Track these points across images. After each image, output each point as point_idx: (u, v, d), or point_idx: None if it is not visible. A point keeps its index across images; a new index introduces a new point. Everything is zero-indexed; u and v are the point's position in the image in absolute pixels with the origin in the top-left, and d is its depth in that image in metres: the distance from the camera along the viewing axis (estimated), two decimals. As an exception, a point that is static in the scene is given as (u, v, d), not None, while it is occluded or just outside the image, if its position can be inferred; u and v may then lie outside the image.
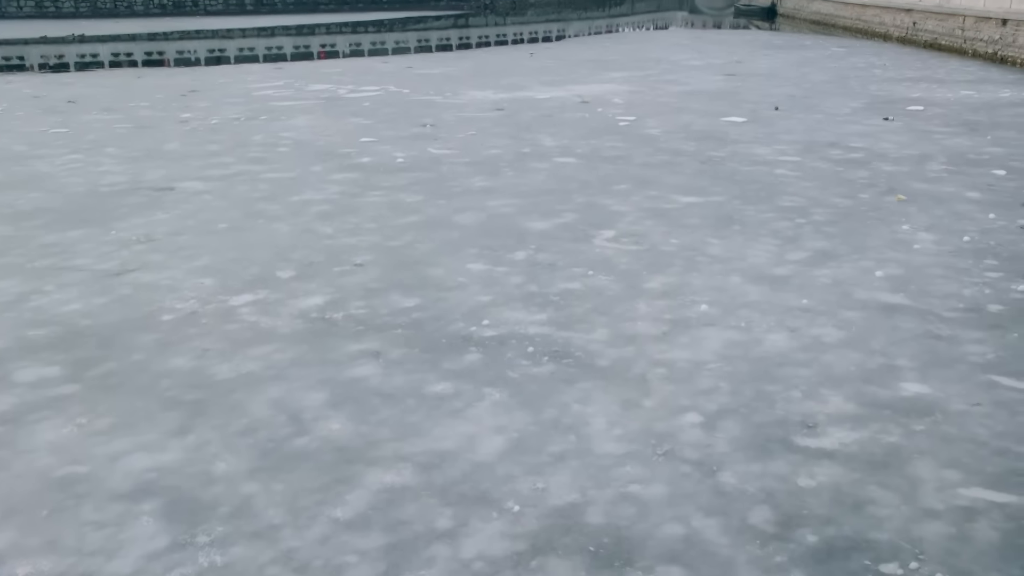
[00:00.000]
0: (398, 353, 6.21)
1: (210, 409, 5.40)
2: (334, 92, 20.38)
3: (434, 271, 7.91)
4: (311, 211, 9.96)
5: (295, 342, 6.40)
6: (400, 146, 13.76)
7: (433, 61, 29.90)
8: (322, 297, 7.27)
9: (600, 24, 51.54)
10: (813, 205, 10.06)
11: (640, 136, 14.44)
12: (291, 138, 14.49)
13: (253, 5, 53.27)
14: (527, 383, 5.72)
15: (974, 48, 26.47)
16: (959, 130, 14.65)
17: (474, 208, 10.04)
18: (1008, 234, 8.86)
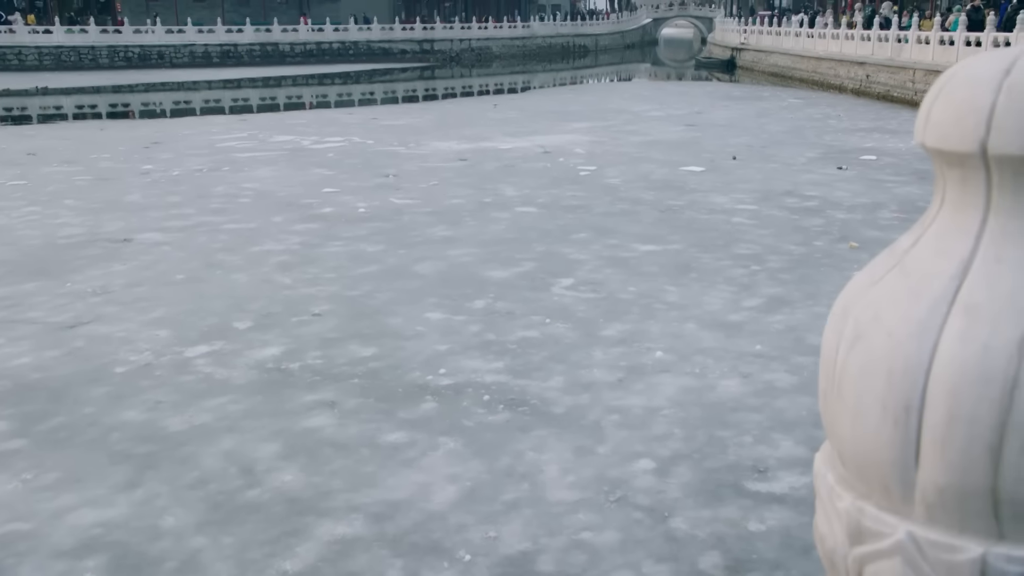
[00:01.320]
0: (353, 403, 6.19)
1: (160, 462, 5.34)
2: (298, 143, 20.47)
3: (392, 320, 7.92)
4: (271, 262, 9.95)
5: (250, 393, 6.36)
6: (362, 196, 13.83)
7: (398, 112, 30.18)
8: (279, 347, 7.25)
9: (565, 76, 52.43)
10: (768, 252, 10.23)
11: (601, 185, 14.64)
12: (253, 189, 14.50)
13: (219, 57, 53.50)
14: (482, 432, 5.72)
15: (925, 100, 27.30)
16: (909, 179, 15.02)
17: (434, 257, 10.09)
18: (956, 280, 9.07)
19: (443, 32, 63.15)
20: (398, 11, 69.99)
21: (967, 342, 0.48)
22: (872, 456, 0.51)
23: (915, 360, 0.49)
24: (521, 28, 68.67)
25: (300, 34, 57.28)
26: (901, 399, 0.50)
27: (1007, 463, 0.46)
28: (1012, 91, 0.48)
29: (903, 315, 0.51)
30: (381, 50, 59.56)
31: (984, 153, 0.49)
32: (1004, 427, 0.47)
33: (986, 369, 0.47)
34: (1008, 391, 0.46)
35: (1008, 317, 0.47)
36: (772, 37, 47.45)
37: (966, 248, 0.50)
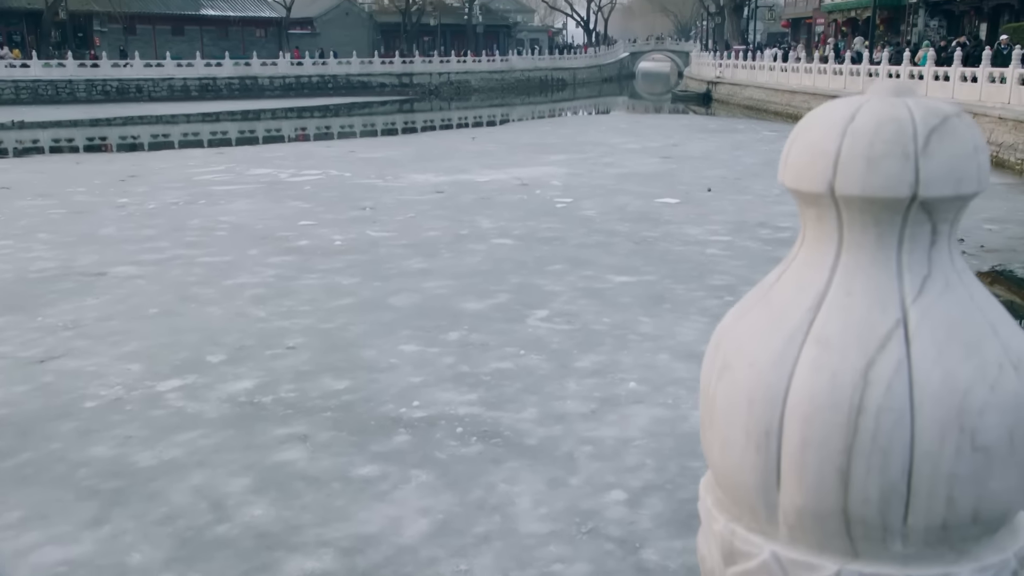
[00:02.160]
0: (326, 436, 6.16)
1: (129, 498, 5.28)
2: (275, 176, 20.48)
3: (366, 353, 7.91)
4: (245, 295, 9.92)
5: (221, 427, 6.32)
6: (339, 229, 13.84)
7: (377, 145, 30.29)
8: (252, 381, 7.21)
9: (543, 108, 52.88)
10: (742, 283, 10.31)
11: (576, 217, 14.73)
12: (229, 222, 14.48)
13: (198, 91, 53.57)
14: (455, 464, 5.71)
15: (896, 132, 27.76)
16: (881, 210, 15.24)
17: (410, 290, 10.10)
18: (925, 309, 9.18)
19: (422, 66, 63.64)
20: (377, 45, 70.53)
21: (818, 371, 0.51)
22: (740, 480, 0.53)
23: (773, 389, 0.52)
24: (500, 62, 69.34)
25: (279, 68, 57.50)
26: (762, 426, 0.52)
27: (855, 485, 0.49)
28: (856, 136, 0.52)
29: (764, 346, 0.53)
30: (360, 83, 59.87)
31: (832, 193, 0.53)
32: (851, 451, 0.49)
33: (834, 396, 0.50)
34: (854, 417, 0.49)
35: (855, 347, 0.50)
36: (747, 71, 48.15)
37: (821, 282, 0.53)
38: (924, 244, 0.52)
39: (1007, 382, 0.49)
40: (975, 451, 0.49)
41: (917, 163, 0.50)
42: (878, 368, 0.49)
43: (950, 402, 0.49)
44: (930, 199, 0.51)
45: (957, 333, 0.50)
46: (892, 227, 0.52)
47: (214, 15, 64.84)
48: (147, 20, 60.83)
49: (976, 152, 0.53)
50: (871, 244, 0.52)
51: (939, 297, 0.51)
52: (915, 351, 0.50)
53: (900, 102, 0.53)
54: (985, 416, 0.49)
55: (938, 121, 0.51)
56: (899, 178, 0.51)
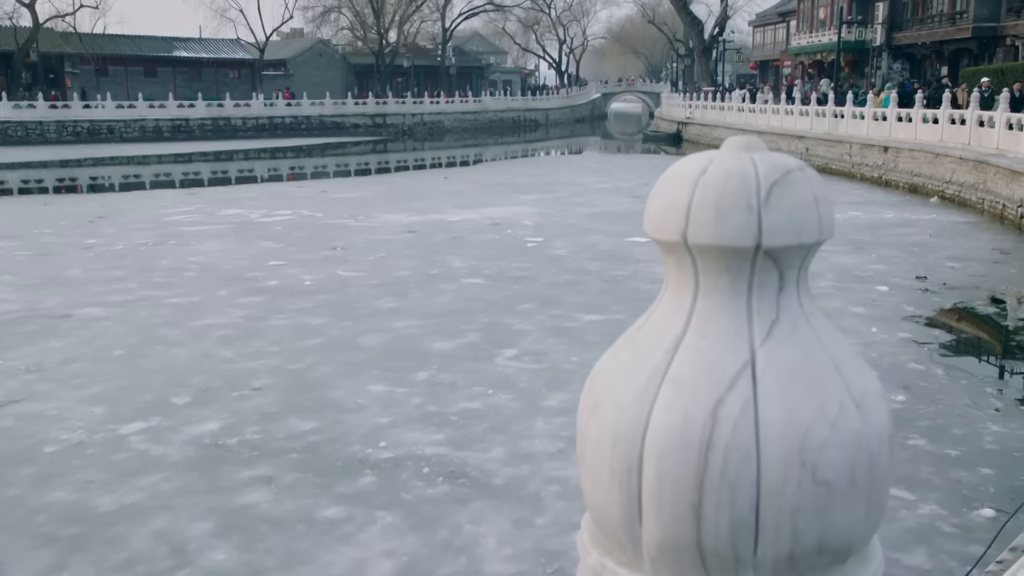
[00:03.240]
0: (291, 478, 6.11)
1: (88, 544, 5.19)
2: (246, 217, 20.43)
3: (334, 393, 7.87)
4: (213, 335, 9.85)
5: (185, 470, 6.24)
6: (309, 269, 13.81)
7: (349, 185, 30.35)
8: (217, 423, 7.15)
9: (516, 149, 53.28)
10: (709, 321, 10.39)
11: (547, 256, 14.81)
12: (198, 263, 14.41)
13: (170, 132, 53.50)
14: (420, 505, 5.67)
15: (861, 172, 28.19)
16: (847, 248, 15.45)
17: (379, 329, 10.08)
18: (889, 347, 9.30)
19: (395, 107, 63.99)
20: (351, 86, 70.90)
21: (672, 410, 0.54)
22: (607, 515, 0.56)
23: (634, 427, 0.55)
24: (473, 103, 69.89)
25: (252, 108, 57.59)
26: (624, 463, 0.55)
27: (707, 519, 0.51)
28: (706, 188, 0.55)
29: (627, 387, 0.56)
30: (334, 124, 60.06)
31: (686, 242, 0.56)
32: (702, 486, 0.52)
33: (686, 434, 0.53)
34: (703, 454, 0.52)
35: (706, 388, 0.53)
36: (716, 112, 48.88)
37: (679, 325, 0.56)
38: (772, 290, 0.56)
39: (848, 419, 0.53)
40: (816, 485, 0.52)
41: (760, 214, 0.54)
42: (726, 407, 0.52)
43: (792, 439, 0.52)
44: (773, 248, 0.55)
45: (801, 373, 0.53)
46: (742, 274, 0.55)
47: (187, 56, 64.98)
48: (119, 61, 60.82)
49: (816, 203, 0.56)
50: (723, 290, 0.56)
51: (786, 340, 0.55)
52: (761, 391, 0.53)
53: (747, 157, 0.56)
54: (826, 452, 0.52)
55: (779, 175, 0.55)
56: (744, 228, 0.54)
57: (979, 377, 8.53)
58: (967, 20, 44.40)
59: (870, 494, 0.55)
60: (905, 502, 5.70)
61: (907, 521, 5.46)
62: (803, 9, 62.25)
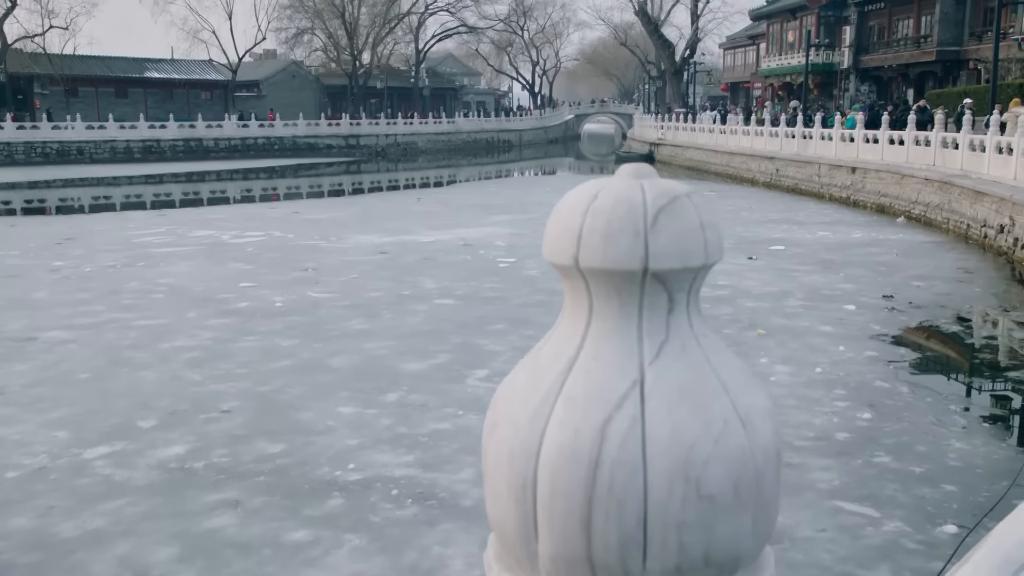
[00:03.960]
0: (258, 501, 6.06)
1: (48, 571, 5.11)
2: (217, 238, 20.32)
3: (303, 415, 7.82)
4: (181, 358, 9.77)
5: (150, 494, 6.17)
6: (280, 290, 13.74)
7: (322, 206, 30.27)
8: (183, 446, 7.08)
9: (489, 170, 53.45)
10: (680, 341, 10.45)
11: (519, 277, 14.84)
12: (168, 284, 14.29)
13: (141, 153, 53.15)
14: (389, 527, 5.64)
15: (830, 193, 28.56)
16: (815, 268, 15.62)
17: (349, 351, 10.04)
18: (856, 365, 9.40)
19: (369, 127, 64.03)
20: (324, 107, 70.88)
21: (564, 428, 0.56)
22: (507, 531, 0.57)
23: (529, 445, 0.57)
24: (446, 124, 70.11)
25: (225, 129, 57.39)
26: (520, 479, 0.57)
27: (596, 534, 0.53)
28: (596, 214, 0.58)
29: (523, 406, 0.58)
30: (307, 145, 59.98)
31: (578, 266, 0.58)
32: (591, 502, 0.54)
33: (576, 451, 0.55)
34: (592, 470, 0.54)
35: (596, 406, 0.55)
36: (687, 133, 49.38)
37: (574, 346, 0.59)
38: (662, 312, 0.58)
39: (732, 436, 0.55)
40: (701, 499, 0.54)
41: (647, 239, 0.57)
42: (614, 425, 0.55)
43: (677, 455, 0.54)
44: (660, 271, 0.57)
45: (687, 392, 0.55)
46: (632, 297, 0.58)
47: (159, 78, 64.65)
48: (89, 82, 60.38)
49: (703, 229, 0.59)
50: (615, 313, 0.58)
51: (674, 360, 0.57)
52: (648, 409, 0.55)
53: (637, 184, 0.59)
54: (710, 467, 0.54)
55: (666, 201, 0.57)
56: (631, 252, 0.57)
57: (944, 395, 8.64)
58: (931, 44, 45.31)
59: (756, 508, 0.57)
60: (870, 519, 5.76)
61: (872, 538, 5.51)
62: (772, 32, 63.26)
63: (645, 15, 69.91)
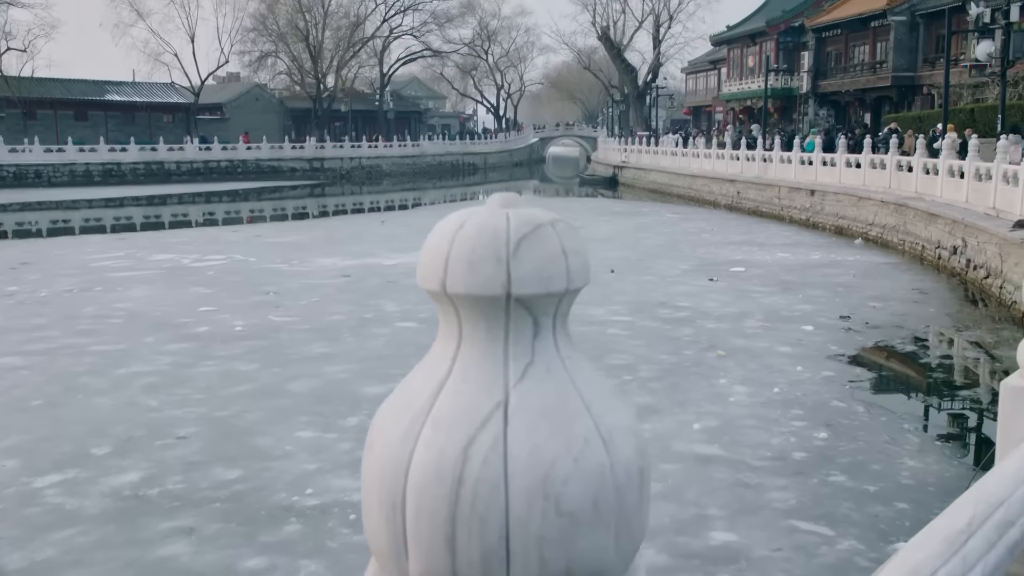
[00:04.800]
0: (213, 528, 5.98)
1: (-6, 602, 5.00)
2: (177, 262, 20.12)
3: (261, 440, 7.75)
4: (137, 384, 9.64)
5: (102, 523, 6.07)
6: (240, 314, 13.63)
7: (285, 229, 30.11)
8: (138, 473, 6.97)
9: (455, 192, 53.55)
10: (640, 362, 10.53)
11: (481, 300, 14.85)
12: (126, 309, 14.11)
13: (101, 176, 52.52)
14: (346, 553, 5.59)
15: (790, 215, 28.99)
16: (775, 289, 15.82)
17: (309, 375, 9.97)
18: (813, 385, 9.53)
19: (333, 151, 63.89)
20: (288, 130, 70.64)
21: (430, 448, 0.58)
22: (380, 549, 0.59)
23: (398, 464, 0.59)
24: (411, 147, 70.17)
25: (187, 152, 56.93)
26: (389, 499, 0.59)
27: (460, 550, 0.55)
28: (462, 242, 0.60)
29: (395, 427, 0.61)
30: (271, 168, 59.68)
31: (445, 291, 0.61)
32: (455, 519, 0.56)
33: (440, 470, 0.57)
34: (455, 488, 0.56)
35: (461, 426, 0.58)
36: (650, 156, 49.88)
37: (444, 370, 0.61)
38: (528, 335, 0.61)
39: (593, 454, 0.57)
40: (560, 516, 0.56)
41: (509, 266, 0.59)
42: (477, 444, 0.57)
43: (537, 473, 0.56)
44: (523, 296, 0.60)
45: (550, 412, 0.58)
46: (498, 321, 0.61)
47: (119, 100, 64.05)
48: (48, 105, 59.61)
49: (564, 255, 0.62)
50: (482, 336, 0.61)
51: (539, 381, 0.59)
52: (511, 429, 0.57)
53: (503, 213, 0.61)
54: (569, 484, 0.56)
55: (529, 229, 0.60)
56: (494, 278, 0.59)
57: (898, 414, 8.78)
58: (887, 70, 46.34)
59: (618, 524, 0.59)
60: (825, 538, 5.82)
61: (826, 557, 5.57)
62: (732, 57, 64.31)
63: (608, 40, 70.78)
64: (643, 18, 72.26)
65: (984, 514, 1.32)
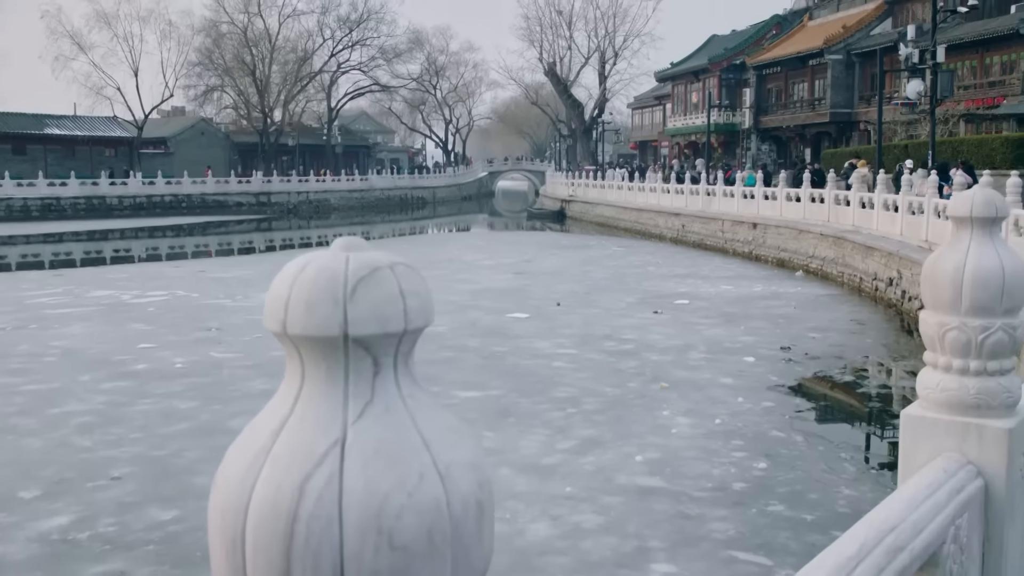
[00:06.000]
0: (145, 572, 5.84)
1: (-89, 655, 4.80)
2: (117, 298, 19.73)
3: (199, 480, 7.59)
4: (71, 423, 9.40)
5: (27, 570, 5.88)
6: (180, 351, 13.40)
7: (229, 265, 29.76)
8: (68, 516, 6.78)
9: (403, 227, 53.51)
10: (585, 395, 10.58)
11: (427, 334, 14.39)
12: (61, 347, 13.78)
13: (39, 211, 51.40)
14: (283, 594, 5.50)
15: (733, 248, 29.51)
16: (718, 321, 16.05)
17: (250, 412, 9.67)
18: (753, 415, 9.66)
19: (280, 185, 63.45)
20: (234, 165, 69.99)
21: (267, 485, 0.60)
22: (222, 586, 0.61)
23: (239, 501, 0.60)
24: (359, 181, 70.00)
25: (129, 187, 56.06)
26: (230, 535, 0.60)
27: (296, 586, 0.57)
28: (301, 284, 0.63)
29: (237, 463, 0.62)
30: (216, 203, 59.02)
31: (286, 333, 0.63)
32: (290, 555, 0.58)
33: (276, 507, 0.59)
34: (290, 524, 0.58)
35: (298, 464, 0.60)
36: (597, 190, 50.45)
37: (287, 409, 0.63)
38: (368, 375, 0.63)
39: (427, 488, 0.59)
40: (394, 550, 0.58)
41: (345, 307, 0.62)
42: (313, 481, 0.59)
43: (370, 508, 0.58)
44: (361, 336, 0.62)
45: (386, 449, 0.60)
46: (337, 362, 0.63)
47: (60, 134, 62.82)
48: (-16, 138, 58.39)
49: (403, 297, 0.64)
50: (323, 376, 0.63)
51: (376, 420, 0.62)
52: (347, 466, 0.59)
53: (343, 256, 0.64)
54: (402, 518, 0.58)
55: (367, 272, 0.63)
56: (330, 319, 0.62)
57: (835, 443, 8.93)
58: (825, 106, 47.70)
59: (456, 556, 0.61)
60: (763, 568, 5.88)
61: (764, 586, 5.62)
62: (677, 93, 65.63)
63: (555, 76, 71.76)
64: (589, 55, 73.46)
65: (875, 540, 1.36)
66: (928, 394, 2.00)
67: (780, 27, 57.57)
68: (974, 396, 1.90)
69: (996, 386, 1.91)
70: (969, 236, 1.92)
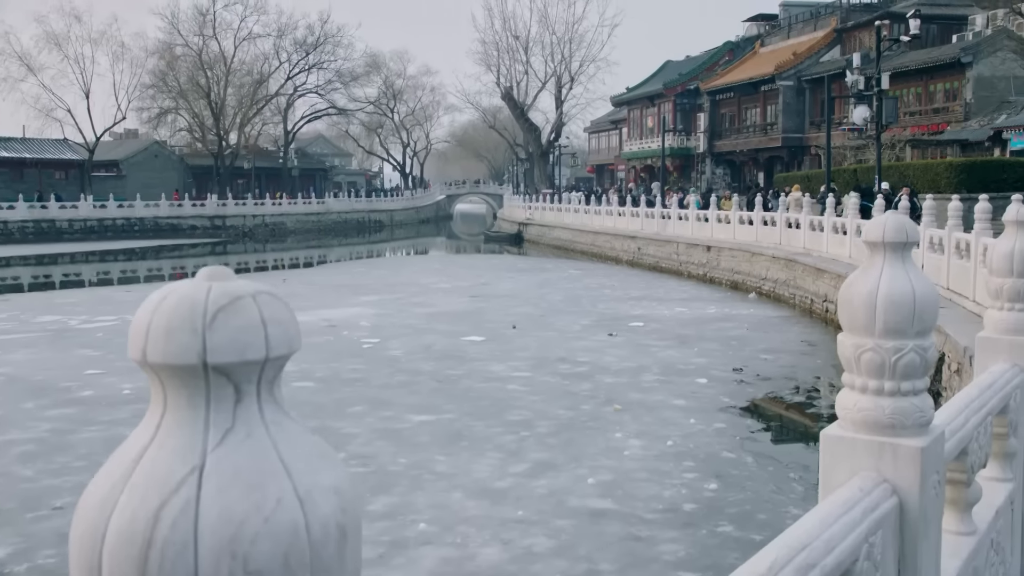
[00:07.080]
0: (86, 604, 5.70)
1: None
2: (65, 323, 19.36)
3: (144, 509, 7.45)
4: (12, 452, 9.18)
5: (-37, 603, 5.72)
6: (129, 377, 13.15)
7: (182, 289, 29.30)
8: (5, 549, 6.61)
9: (361, 250, 53.25)
10: (538, 418, 10.59)
11: (382, 358, 14.75)
12: (4, 374, 13.47)
13: (-14, 234, 50.34)
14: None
15: (688, 270, 29.83)
16: (672, 343, 16.19)
17: (199, 439, 9.67)
18: (705, 437, 9.75)
19: (236, 208, 62.89)
20: (188, 188, 69.21)
21: (124, 511, 0.61)
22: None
23: (97, 528, 0.61)
24: (316, 204, 69.65)
25: (80, 210, 55.15)
26: (87, 562, 0.61)
27: (147, 611, 0.58)
28: (161, 313, 0.64)
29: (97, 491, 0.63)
30: (169, 226, 58.30)
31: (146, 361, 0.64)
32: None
33: (132, 534, 0.60)
34: (145, 550, 0.59)
35: (154, 491, 0.61)
36: (554, 213, 50.75)
37: (148, 437, 0.64)
38: (229, 402, 0.65)
39: (285, 513, 0.61)
40: (248, 574, 0.59)
41: (204, 336, 0.63)
42: (168, 508, 0.60)
43: (225, 533, 0.59)
44: (220, 364, 0.63)
45: (244, 475, 0.61)
46: (198, 389, 0.64)
47: (7, 157, 61.58)
48: (-72, 161, 57.08)
49: (264, 325, 0.66)
50: (184, 404, 0.64)
51: (237, 446, 0.63)
52: (204, 492, 0.60)
53: (205, 285, 0.65)
54: (257, 543, 0.60)
55: (227, 301, 0.64)
56: (189, 348, 0.63)
57: (784, 463, 9.04)
58: (777, 131, 48.63)
59: (316, 580, 0.62)
60: (712, 588, 5.92)
61: (713, 607, 5.66)
62: (633, 118, 66.47)
63: (512, 100, 72.21)
64: (545, 79, 74.05)
65: (786, 558, 1.39)
66: (846, 414, 2.05)
67: (733, 53, 58.67)
68: (889, 416, 1.95)
69: (909, 406, 1.96)
70: (882, 260, 1.98)
